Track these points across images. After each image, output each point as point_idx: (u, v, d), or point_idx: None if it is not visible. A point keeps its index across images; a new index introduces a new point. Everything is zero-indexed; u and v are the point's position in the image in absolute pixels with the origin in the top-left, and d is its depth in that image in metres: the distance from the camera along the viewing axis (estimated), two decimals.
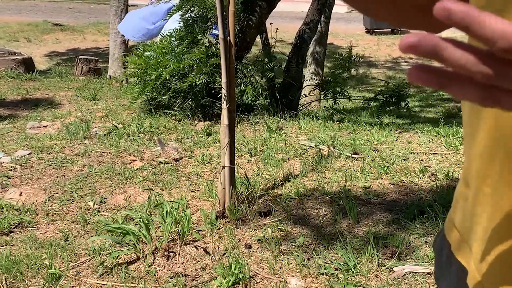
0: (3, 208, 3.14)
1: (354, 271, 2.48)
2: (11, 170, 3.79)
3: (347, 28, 18.46)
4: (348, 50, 6.48)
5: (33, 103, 6.19)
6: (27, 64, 8.57)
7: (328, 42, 9.06)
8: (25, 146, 4.31)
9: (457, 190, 0.69)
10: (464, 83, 0.38)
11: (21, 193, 3.37)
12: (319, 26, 7.00)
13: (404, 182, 3.59)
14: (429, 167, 3.87)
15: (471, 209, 0.61)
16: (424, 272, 2.48)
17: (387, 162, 3.92)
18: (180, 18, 5.36)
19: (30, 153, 4.14)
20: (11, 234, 2.88)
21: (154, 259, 2.60)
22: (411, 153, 4.17)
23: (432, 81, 0.38)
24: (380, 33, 17.47)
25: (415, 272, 2.48)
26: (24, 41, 14.84)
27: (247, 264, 2.54)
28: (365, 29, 18.04)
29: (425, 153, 4.19)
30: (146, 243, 2.68)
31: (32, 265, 2.52)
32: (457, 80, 0.38)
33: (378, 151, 4.23)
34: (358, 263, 2.54)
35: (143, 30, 7.36)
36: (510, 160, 0.53)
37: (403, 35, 0.38)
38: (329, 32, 8.50)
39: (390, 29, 17.47)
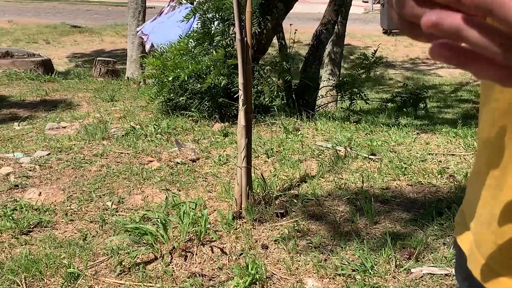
0: (22, 208, 3.17)
1: (371, 272, 2.47)
2: (30, 170, 3.83)
3: (364, 29, 18.40)
4: (366, 52, 6.45)
5: (52, 104, 6.25)
6: (46, 66, 8.66)
7: (345, 43, 9.04)
8: (44, 147, 4.36)
9: (470, 176, 0.69)
10: (484, 62, 0.38)
11: (40, 193, 3.41)
12: (336, 27, 6.98)
13: (422, 183, 3.57)
14: (447, 168, 3.84)
15: (480, 195, 0.61)
16: (442, 274, 2.46)
17: (404, 163, 3.90)
18: (198, 20, 5.38)
19: (49, 154, 4.18)
20: (31, 233, 2.91)
21: (172, 259, 2.62)
22: (429, 154, 4.14)
23: (453, 59, 0.38)
24: (398, 34, 17.37)
25: (433, 274, 2.46)
26: (43, 43, 15.01)
27: (264, 264, 2.54)
28: (382, 30, 17.96)
29: (443, 154, 4.16)
30: (164, 243, 2.70)
31: (51, 264, 2.54)
32: (478, 59, 0.38)
33: (395, 152, 4.21)
34: (375, 264, 2.53)
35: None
36: None
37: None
38: (346, 33, 8.48)
39: None
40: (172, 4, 8.77)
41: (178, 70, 5.06)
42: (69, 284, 2.40)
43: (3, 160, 4.02)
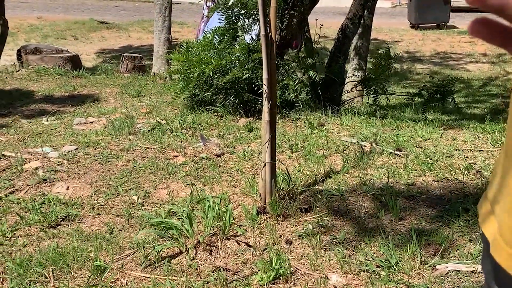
0: (50, 201, 3.23)
1: (396, 269, 2.46)
2: (58, 165, 3.90)
3: (391, 23, 18.21)
4: (387, 48, 6.37)
5: (80, 100, 6.34)
6: (74, 62, 8.77)
7: (372, 37, 8.96)
8: (72, 142, 4.42)
9: (497, 161, 0.68)
10: None
11: (68, 187, 3.47)
12: (362, 21, 6.92)
13: (448, 179, 3.53)
14: (474, 164, 3.79)
15: (506, 181, 0.60)
16: (468, 271, 2.43)
17: (431, 159, 3.86)
18: (221, 15, 5.39)
19: (77, 148, 4.24)
20: (58, 227, 2.96)
21: (196, 253, 2.64)
22: (456, 150, 4.10)
23: (493, 37, 0.37)
24: (425, 28, 17.15)
25: (459, 271, 2.44)
26: (71, 39, 15.19)
27: (288, 259, 2.55)
28: (410, 24, 17.75)
29: (470, 150, 4.11)
30: (189, 237, 2.72)
31: (78, 257, 2.59)
32: None
33: (421, 147, 4.17)
34: (400, 261, 2.52)
35: None
36: None
37: (448, 30, 0.36)
38: (373, 27, 8.41)
39: (435, 24, 17.14)
40: (209, 5, 8.78)
41: (203, 65, 5.08)
42: (96, 277, 2.44)
43: (32, 155, 4.10)
